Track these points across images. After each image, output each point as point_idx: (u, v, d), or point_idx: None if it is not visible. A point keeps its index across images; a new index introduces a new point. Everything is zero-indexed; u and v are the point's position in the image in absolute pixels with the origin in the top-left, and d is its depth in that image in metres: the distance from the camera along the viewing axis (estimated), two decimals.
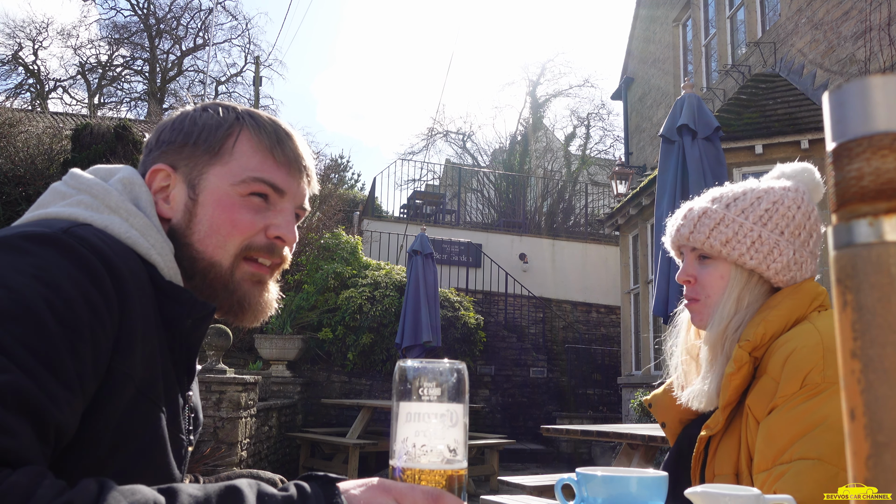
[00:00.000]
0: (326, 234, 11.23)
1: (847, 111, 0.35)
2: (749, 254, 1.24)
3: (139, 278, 0.83)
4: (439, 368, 0.73)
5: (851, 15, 7.67)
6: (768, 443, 1.08)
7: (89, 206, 0.89)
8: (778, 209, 1.26)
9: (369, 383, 10.14)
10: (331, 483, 0.70)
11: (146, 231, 0.90)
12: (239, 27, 39.24)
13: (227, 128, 0.97)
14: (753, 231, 1.24)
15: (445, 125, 24.38)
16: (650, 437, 3.69)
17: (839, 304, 0.35)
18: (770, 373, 1.14)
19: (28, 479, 0.61)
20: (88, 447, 0.77)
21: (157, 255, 0.89)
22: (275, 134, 0.98)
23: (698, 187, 4.33)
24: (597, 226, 17.08)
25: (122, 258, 0.82)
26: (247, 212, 0.95)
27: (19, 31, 23.79)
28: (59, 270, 0.74)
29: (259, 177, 0.95)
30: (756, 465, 1.10)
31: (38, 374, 0.67)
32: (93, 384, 0.75)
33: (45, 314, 0.70)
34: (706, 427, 1.23)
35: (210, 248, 0.94)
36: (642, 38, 14.55)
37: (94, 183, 0.92)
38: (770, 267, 1.24)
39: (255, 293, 0.98)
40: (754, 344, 1.17)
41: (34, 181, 9.55)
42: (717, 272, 1.27)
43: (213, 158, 0.96)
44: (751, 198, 1.28)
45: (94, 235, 0.81)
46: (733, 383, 1.17)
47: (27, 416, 0.65)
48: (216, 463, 5.64)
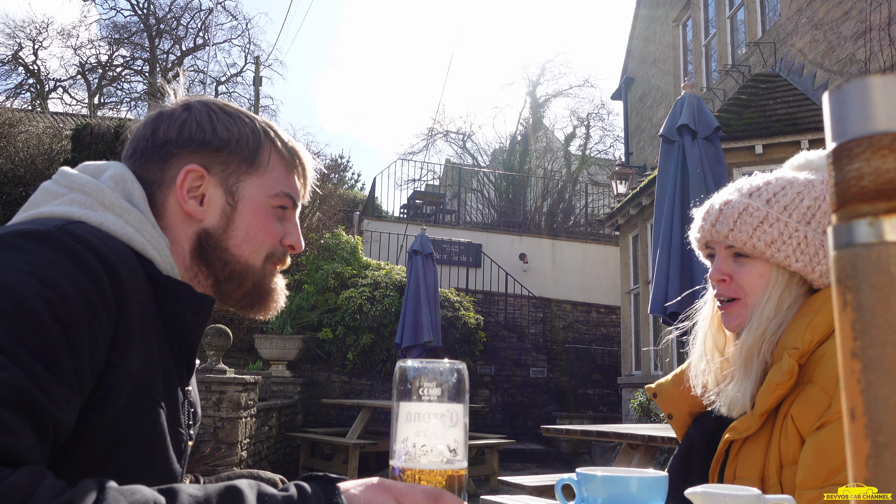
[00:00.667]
0: (326, 234, 11.23)
1: (847, 111, 0.35)
2: (795, 255, 1.15)
3: (136, 274, 0.83)
4: (439, 368, 0.73)
5: (851, 15, 7.67)
6: (820, 460, 1.02)
7: (83, 204, 0.89)
8: (820, 206, 1.18)
9: (369, 383, 10.14)
10: (331, 483, 0.70)
11: (141, 227, 0.90)
12: (239, 27, 39.28)
13: (261, 140, 1.03)
14: (799, 231, 1.16)
15: (445, 125, 24.42)
16: (650, 437, 3.69)
17: (839, 304, 0.35)
18: (819, 383, 1.08)
19: (27, 479, 0.60)
20: (88, 444, 0.76)
21: (153, 250, 0.89)
22: (292, 150, 1.07)
23: (698, 187, 4.33)
24: (597, 226, 17.08)
25: (118, 254, 0.82)
26: (275, 222, 1.03)
27: (19, 31, 23.81)
28: (54, 267, 0.74)
29: (287, 191, 1.04)
30: (802, 480, 1.04)
31: (35, 371, 0.67)
32: (90, 381, 0.75)
33: (42, 311, 0.70)
34: (733, 430, 1.16)
35: (246, 252, 1.00)
36: (642, 38, 14.55)
37: (85, 181, 0.92)
38: (815, 269, 1.16)
39: (275, 289, 1.06)
40: (803, 352, 1.11)
41: (34, 181, 9.55)
42: (756, 272, 1.18)
43: (250, 168, 1.01)
44: (791, 193, 1.19)
45: (89, 232, 0.81)
46: (778, 392, 1.10)
47: (25, 413, 0.65)
48: (216, 463, 5.64)
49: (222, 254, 0.98)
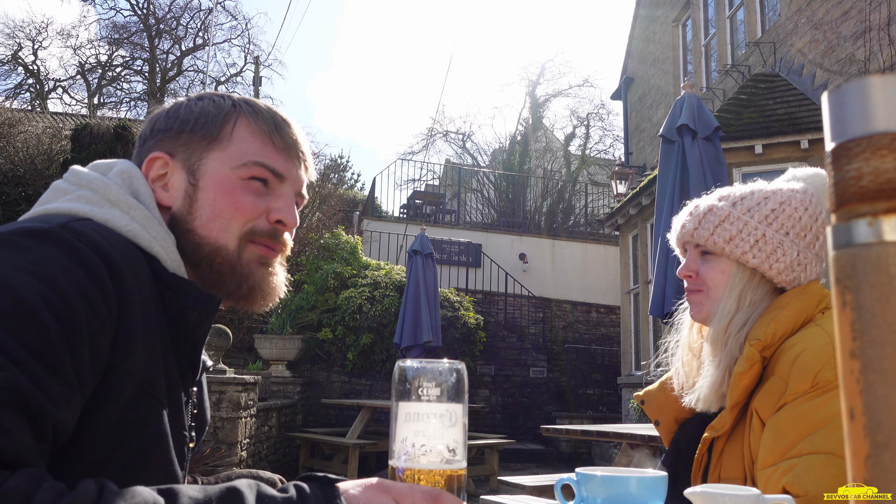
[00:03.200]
0: (326, 234, 11.23)
1: (846, 111, 0.35)
2: (752, 252, 1.23)
3: (139, 273, 0.82)
4: (438, 368, 0.73)
5: (851, 15, 7.67)
6: (776, 438, 1.07)
7: (89, 201, 0.88)
8: (784, 209, 1.25)
9: (369, 383, 10.14)
10: (330, 484, 0.70)
11: (147, 223, 0.89)
12: (239, 27, 39.22)
13: (225, 114, 0.97)
14: (758, 230, 1.24)
15: (445, 125, 24.40)
16: (650, 436, 3.69)
17: (838, 304, 0.35)
18: (778, 373, 1.13)
19: (27, 482, 0.60)
20: (89, 444, 0.76)
21: (159, 246, 0.88)
22: (272, 120, 0.99)
23: (698, 187, 4.33)
24: (597, 226, 17.08)
25: (122, 253, 0.81)
26: (248, 195, 0.95)
27: (19, 32, 23.79)
28: (55, 266, 0.73)
29: (259, 161, 0.96)
30: (762, 461, 1.09)
31: (35, 371, 0.66)
32: (91, 381, 0.74)
33: (42, 311, 0.69)
34: (711, 428, 1.21)
35: (214, 231, 0.93)
36: (642, 38, 14.55)
37: (93, 177, 0.91)
38: (773, 266, 1.23)
39: (264, 275, 0.97)
40: (765, 343, 1.17)
41: (34, 181, 9.55)
42: (719, 267, 1.27)
43: (211, 143, 0.96)
44: (758, 197, 1.27)
45: (92, 230, 0.80)
46: (742, 383, 1.16)
47: (24, 414, 0.65)
48: (216, 463, 5.64)
49: (190, 236, 0.93)
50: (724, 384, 1.21)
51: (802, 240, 1.25)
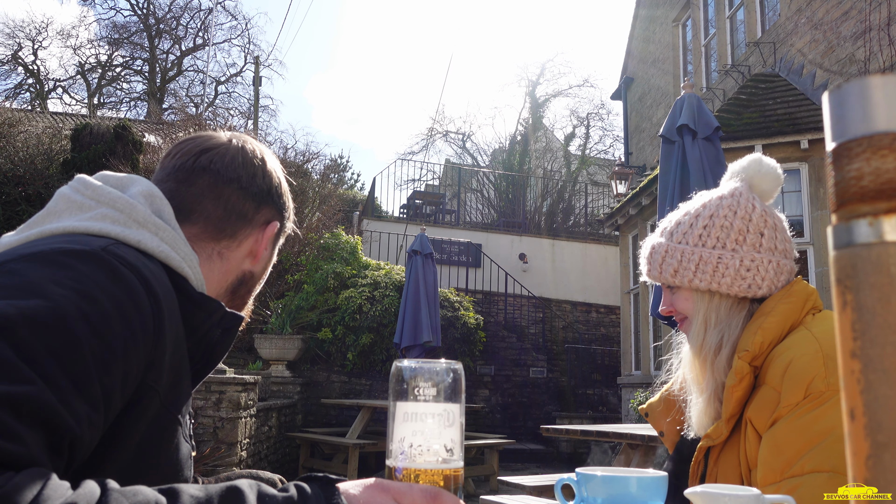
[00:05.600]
0: (326, 234, 11.23)
1: (847, 111, 0.35)
2: (698, 277, 1.25)
3: (170, 296, 0.84)
4: (435, 368, 0.73)
5: (851, 15, 7.67)
6: (775, 454, 1.06)
7: (116, 221, 0.88)
8: (714, 222, 1.26)
9: (369, 383, 10.14)
10: (330, 483, 0.70)
11: (175, 244, 0.90)
12: (239, 27, 39.26)
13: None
14: (694, 254, 1.26)
15: (445, 125, 24.40)
16: (650, 437, 3.69)
17: (839, 304, 0.34)
18: (770, 383, 1.12)
19: (31, 479, 0.60)
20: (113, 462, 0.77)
21: (188, 268, 0.90)
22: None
23: (699, 187, 4.30)
24: (597, 226, 17.08)
25: (157, 277, 0.82)
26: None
27: (19, 31, 23.82)
28: (98, 286, 0.74)
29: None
30: (762, 477, 1.08)
31: (61, 387, 0.66)
32: (119, 402, 0.74)
33: (81, 327, 0.70)
34: (707, 437, 1.21)
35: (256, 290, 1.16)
36: (642, 38, 14.55)
37: (116, 196, 0.90)
38: (721, 283, 1.24)
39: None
40: (753, 353, 1.16)
41: (34, 181, 9.55)
42: (682, 297, 1.31)
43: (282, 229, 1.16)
44: (689, 220, 1.30)
45: (131, 254, 0.82)
46: (735, 395, 1.15)
47: (42, 426, 0.64)
48: (216, 463, 5.64)
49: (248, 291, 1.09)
50: (710, 407, 1.22)
51: (742, 245, 1.24)
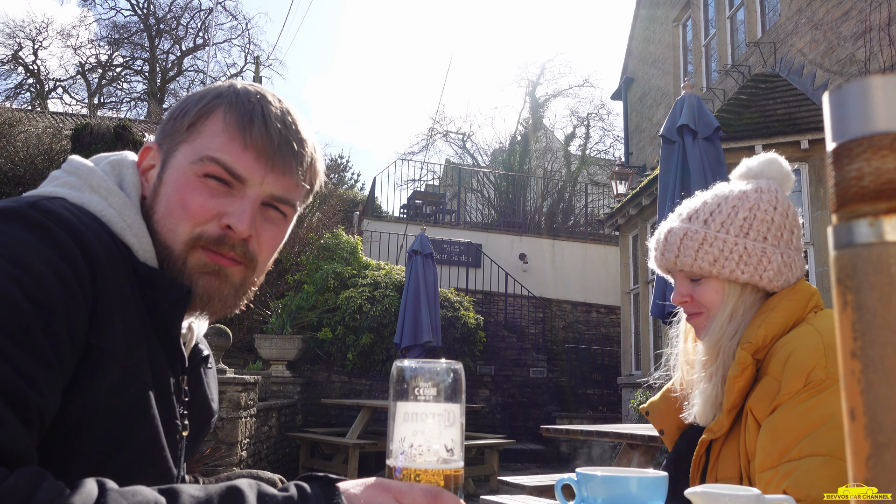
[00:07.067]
0: (326, 234, 11.23)
1: (847, 111, 0.35)
2: (740, 269, 1.22)
3: (112, 252, 0.80)
4: (436, 368, 0.73)
5: (851, 15, 7.67)
6: (773, 440, 1.08)
7: (72, 186, 0.87)
8: (756, 215, 1.24)
9: (369, 383, 10.14)
10: (331, 483, 0.70)
11: (124, 211, 0.86)
12: (239, 27, 39.29)
13: (206, 104, 0.89)
14: (738, 245, 1.23)
15: (445, 125, 24.40)
16: (650, 437, 3.69)
17: (839, 304, 0.34)
18: (771, 373, 1.14)
19: (26, 480, 0.60)
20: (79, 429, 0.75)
21: (132, 235, 0.85)
22: (249, 114, 0.88)
23: (699, 187, 4.29)
24: (597, 226, 17.08)
25: (94, 231, 0.79)
26: (199, 194, 0.87)
27: (19, 31, 23.82)
28: (25, 246, 0.72)
29: (214, 157, 0.86)
30: (760, 464, 1.09)
31: (13, 355, 0.66)
32: (71, 361, 0.73)
33: (16, 293, 0.68)
34: (709, 430, 1.22)
35: (164, 229, 0.87)
36: (642, 38, 14.55)
37: (82, 165, 0.91)
38: (763, 276, 1.23)
39: (210, 284, 0.89)
40: (756, 346, 1.17)
41: (34, 181, 9.54)
42: (712, 288, 1.26)
43: (183, 135, 0.89)
44: (727, 209, 1.26)
45: (62, 208, 0.79)
46: (737, 386, 1.16)
47: (8, 401, 0.64)
48: (216, 463, 5.64)
49: (151, 231, 0.88)
50: (718, 396, 1.22)
51: (781, 240, 1.24)
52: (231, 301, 0.92)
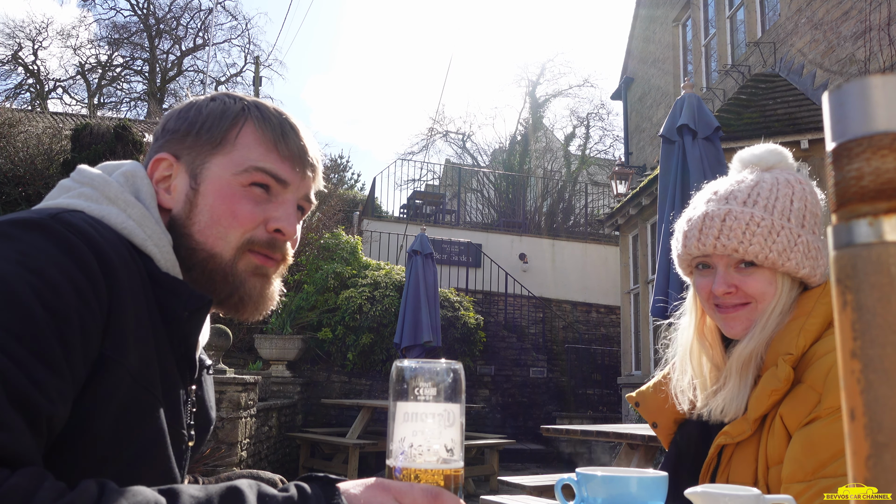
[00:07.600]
0: (326, 234, 11.23)
1: (847, 111, 0.35)
2: (803, 262, 1.14)
3: (130, 266, 0.81)
4: (436, 368, 0.73)
5: (851, 15, 7.67)
6: (808, 454, 1.03)
7: (89, 198, 0.88)
8: (807, 206, 1.17)
9: (369, 383, 10.14)
10: (331, 483, 0.70)
11: (143, 222, 0.88)
12: (239, 27, 39.32)
13: (232, 118, 0.96)
14: (801, 237, 1.15)
15: (445, 125, 24.42)
16: (650, 437, 3.69)
17: (839, 304, 0.34)
18: (808, 381, 1.08)
19: (27, 480, 0.60)
20: (88, 440, 0.75)
21: (153, 245, 0.88)
22: (280, 127, 0.96)
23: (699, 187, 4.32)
24: (597, 226, 17.08)
25: (112, 245, 0.80)
26: (247, 202, 0.93)
27: (19, 32, 23.82)
28: (44, 256, 0.73)
29: (261, 166, 0.94)
30: (790, 474, 1.04)
31: (26, 361, 0.66)
32: (83, 372, 0.74)
33: (32, 302, 0.69)
34: (726, 434, 1.16)
35: (211, 238, 0.92)
36: (642, 38, 14.55)
37: (96, 175, 0.92)
38: (816, 272, 1.16)
39: (257, 285, 0.96)
40: (797, 357, 1.11)
41: (34, 181, 9.54)
42: (766, 279, 1.16)
43: (215, 148, 0.94)
44: (782, 197, 1.16)
45: (83, 221, 0.80)
46: (774, 398, 1.10)
47: (19, 408, 0.64)
48: (216, 463, 5.64)
49: (187, 241, 0.92)
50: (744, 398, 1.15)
51: (823, 235, 1.18)
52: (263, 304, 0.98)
